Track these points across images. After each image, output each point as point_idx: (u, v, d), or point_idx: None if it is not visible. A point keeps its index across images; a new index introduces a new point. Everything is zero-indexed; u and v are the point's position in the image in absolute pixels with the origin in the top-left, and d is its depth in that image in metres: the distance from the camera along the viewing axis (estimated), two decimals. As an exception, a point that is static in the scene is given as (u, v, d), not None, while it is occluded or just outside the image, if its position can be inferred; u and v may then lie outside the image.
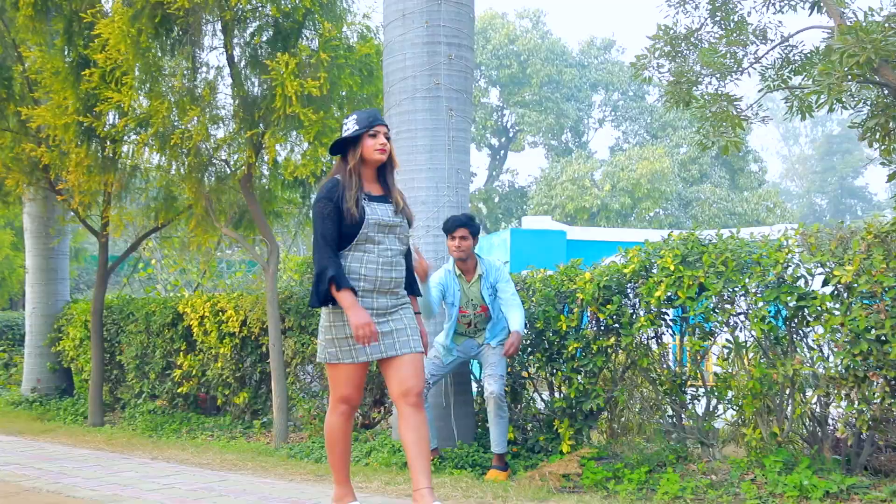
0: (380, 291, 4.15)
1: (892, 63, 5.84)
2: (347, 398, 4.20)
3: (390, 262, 4.17)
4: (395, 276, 4.19)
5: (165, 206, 9.26)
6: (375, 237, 4.13)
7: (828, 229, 5.24)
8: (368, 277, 4.11)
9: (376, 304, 4.14)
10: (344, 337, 4.09)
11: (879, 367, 4.78)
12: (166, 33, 7.73)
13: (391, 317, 4.18)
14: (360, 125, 4.18)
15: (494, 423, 5.89)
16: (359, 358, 4.11)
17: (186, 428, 8.80)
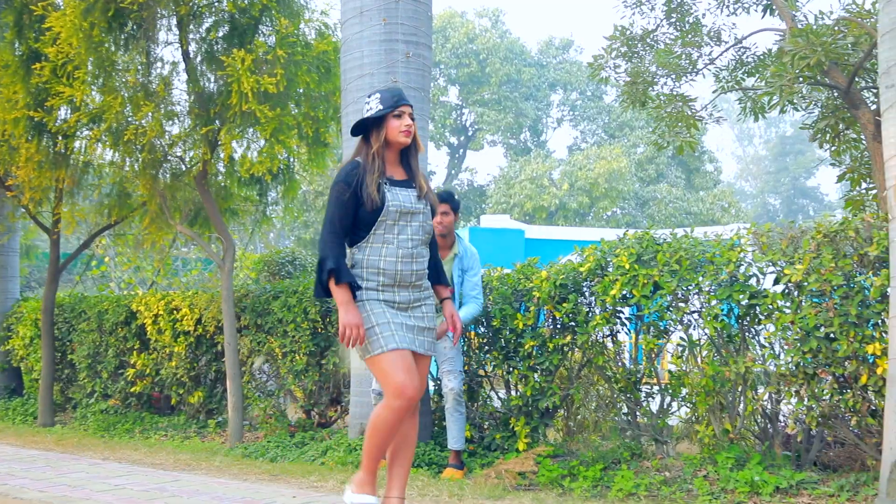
0: (401, 285, 3.84)
1: (841, 66, 5.94)
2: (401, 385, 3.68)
3: (411, 253, 3.85)
4: (417, 269, 3.88)
5: (119, 202, 9.12)
6: (396, 226, 3.83)
7: (779, 229, 5.33)
8: (388, 272, 3.80)
9: (398, 297, 3.84)
10: (370, 327, 3.74)
11: (828, 364, 4.86)
12: (120, 27, 7.61)
13: (414, 312, 3.88)
14: (385, 105, 3.88)
15: (452, 419, 5.89)
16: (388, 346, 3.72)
17: (139, 428, 8.69)
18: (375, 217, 3.78)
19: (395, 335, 3.74)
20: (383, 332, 3.73)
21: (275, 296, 7.78)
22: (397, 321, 3.78)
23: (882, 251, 4.69)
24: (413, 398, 3.70)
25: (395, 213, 3.81)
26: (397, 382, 3.67)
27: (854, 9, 6.28)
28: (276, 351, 7.72)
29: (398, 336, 3.75)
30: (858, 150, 6.77)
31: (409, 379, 3.69)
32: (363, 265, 3.81)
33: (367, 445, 3.83)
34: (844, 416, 4.99)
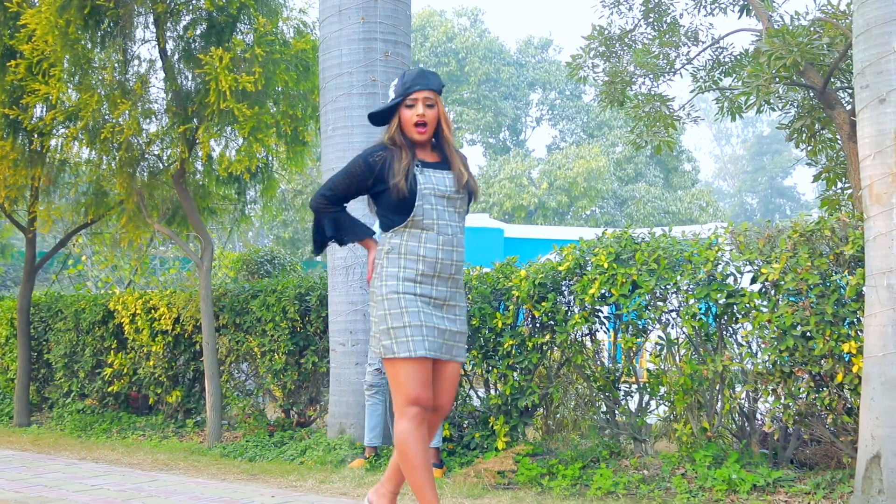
0: (440, 277, 3.55)
1: (817, 66, 5.99)
2: (416, 398, 3.48)
3: (451, 240, 3.55)
4: (457, 259, 3.58)
5: (96, 201, 9.05)
6: (434, 210, 3.53)
7: (756, 228, 5.36)
8: (428, 259, 3.51)
9: (435, 292, 3.54)
10: (402, 326, 3.47)
11: (804, 362, 4.91)
12: (96, 25, 7.55)
13: (448, 312, 3.59)
14: (396, 93, 3.61)
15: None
16: (416, 351, 3.46)
17: (117, 427, 8.63)
18: (411, 204, 3.50)
19: (425, 340, 3.48)
20: (414, 334, 3.47)
21: (253, 295, 7.75)
22: (430, 324, 3.50)
23: (857, 250, 4.73)
24: (427, 406, 3.51)
25: (430, 196, 3.52)
26: (413, 393, 3.46)
27: (829, 10, 6.34)
28: (255, 350, 7.69)
29: (428, 342, 3.48)
30: (834, 150, 6.83)
31: (425, 386, 3.50)
32: (401, 251, 3.53)
33: (406, 476, 3.52)
34: (820, 415, 5.03)
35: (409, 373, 3.47)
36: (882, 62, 4.32)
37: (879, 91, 4.34)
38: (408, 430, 3.47)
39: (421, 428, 3.49)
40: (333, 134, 6.62)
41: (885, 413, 4.26)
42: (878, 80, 4.35)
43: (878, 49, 4.34)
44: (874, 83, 4.36)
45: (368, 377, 6.09)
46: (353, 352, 6.43)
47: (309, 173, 22.88)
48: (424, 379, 3.49)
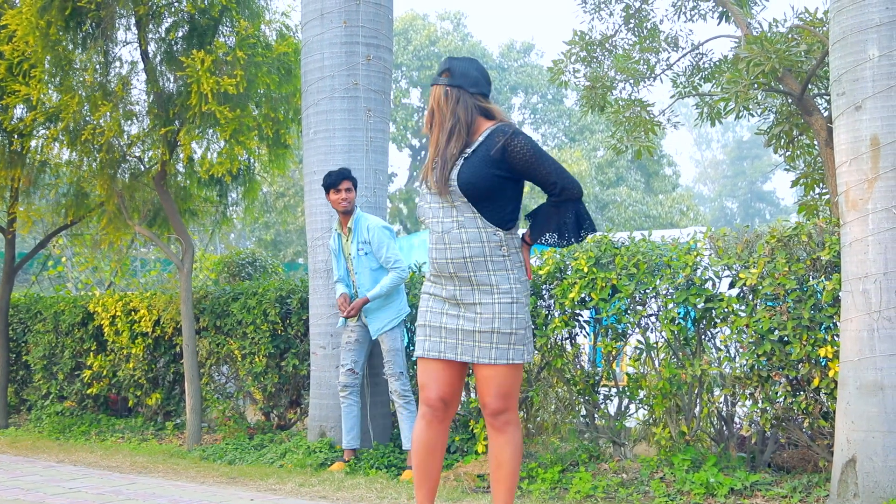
0: (443, 276, 3.46)
1: (795, 73, 6.06)
2: (423, 394, 3.51)
3: (442, 238, 3.41)
4: (452, 258, 3.39)
5: (76, 202, 9.01)
6: (429, 208, 3.47)
7: (734, 233, 5.41)
8: (430, 258, 3.51)
9: (445, 291, 3.47)
10: (422, 324, 3.52)
11: (782, 367, 4.95)
12: (77, 26, 7.52)
13: (466, 311, 3.43)
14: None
15: (403, 418, 5.98)
16: (417, 352, 3.52)
17: (96, 430, 8.58)
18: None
19: (427, 340, 3.49)
20: (419, 334, 3.53)
21: (234, 297, 7.73)
22: (436, 323, 3.47)
23: (834, 255, 4.79)
24: (434, 406, 3.49)
25: (426, 195, 3.47)
26: (421, 387, 3.52)
27: (807, 17, 6.40)
28: (236, 353, 7.67)
29: (429, 343, 3.48)
30: (812, 156, 6.89)
31: (431, 385, 3.48)
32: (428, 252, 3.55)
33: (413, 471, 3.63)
34: (797, 419, 5.08)
35: (420, 371, 3.54)
36: (858, 70, 4.38)
37: (855, 98, 4.39)
38: (417, 427, 3.55)
39: (430, 427, 3.50)
40: (315, 137, 6.62)
41: (861, 417, 4.32)
42: (854, 87, 4.40)
43: (854, 57, 4.40)
44: (850, 90, 4.42)
45: (342, 378, 6.13)
46: (333, 355, 6.43)
47: (291, 176, 22.83)
48: (430, 377, 3.48)
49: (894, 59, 4.29)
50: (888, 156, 4.30)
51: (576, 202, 3.49)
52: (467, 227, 3.38)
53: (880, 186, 4.31)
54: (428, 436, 3.51)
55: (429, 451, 3.53)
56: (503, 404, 3.44)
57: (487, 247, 3.39)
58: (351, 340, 6.12)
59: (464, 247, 3.38)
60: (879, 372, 4.26)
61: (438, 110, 3.46)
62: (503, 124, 3.44)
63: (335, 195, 5.98)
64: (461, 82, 3.45)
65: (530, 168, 3.41)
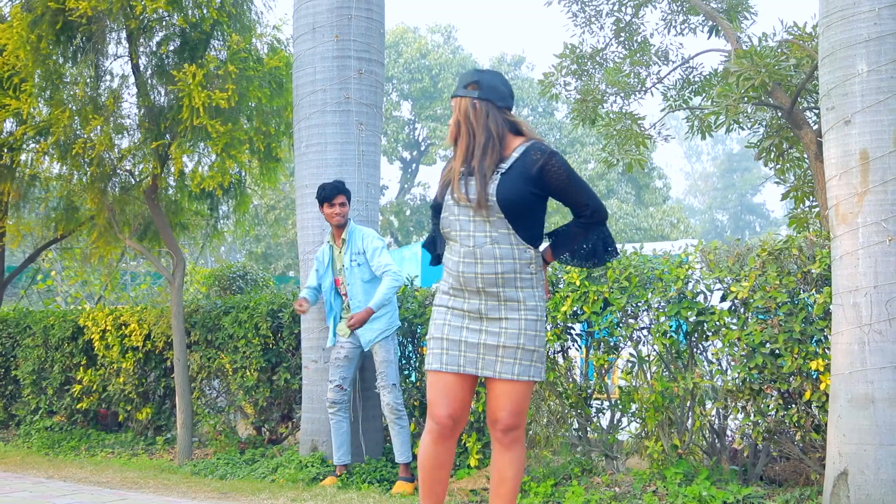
0: (467, 290, 3.37)
1: (784, 86, 6.09)
2: (432, 412, 3.43)
3: (473, 252, 3.33)
4: (483, 273, 3.33)
5: (66, 216, 8.98)
6: (457, 221, 3.38)
7: (725, 246, 5.43)
8: (452, 272, 3.40)
9: (467, 305, 3.38)
10: (430, 338, 3.46)
11: (773, 380, 4.96)
12: (68, 40, 7.52)
13: (488, 326, 3.37)
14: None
15: (394, 432, 5.94)
16: (432, 365, 3.42)
17: (85, 445, 8.53)
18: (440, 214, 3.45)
19: (444, 354, 3.39)
20: (434, 347, 3.43)
21: (225, 311, 7.71)
22: (455, 337, 3.38)
23: (825, 269, 4.81)
24: (442, 423, 3.40)
25: (453, 206, 3.38)
26: (430, 405, 3.43)
27: (796, 32, 6.45)
28: (227, 367, 7.64)
29: (447, 356, 3.38)
30: (802, 169, 6.93)
31: (441, 401, 3.39)
32: (445, 263, 3.48)
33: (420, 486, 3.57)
34: (789, 432, 5.09)
35: (430, 385, 3.44)
36: (847, 84, 4.41)
37: (845, 113, 4.42)
38: (423, 442, 3.48)
39: (436, 444, 3.43)
40: (307, 151, 6.62)
41: (853, 430, 4.32)
42: (843, 101, 4.43)
43: (843, 72, 4.43)
44: (840, 105, 4.44)
45: (330, 394, 6.10)
46: (325, 368, 6.41)
47: (282, 189, 22.82)
48: (441, 393, 3.39)
49: (883, 74, 4.32)
50: (877, 170, 4.32)
51: (602, 225, 3.52)
52: (501, 243, 3.33)
53: (870, 200, 4.33)
54: (435, 452, 3.45)
55: (435, 467, 3.47)
56: (516, 421, 3.39)
57: (518, 264, 3.35)
58: (340, 357, 6.09)
59: (496, 262, 3.33)
60: (870, 385, 4.27)
61: (466, 123, 3.41)
62: (538, 142, 3.42)
63: (329, 209, 5.98)
64: (490, 96, 3.41)
65: (565, 189, 3.43)
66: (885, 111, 4.31)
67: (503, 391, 3.36)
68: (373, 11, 6.67)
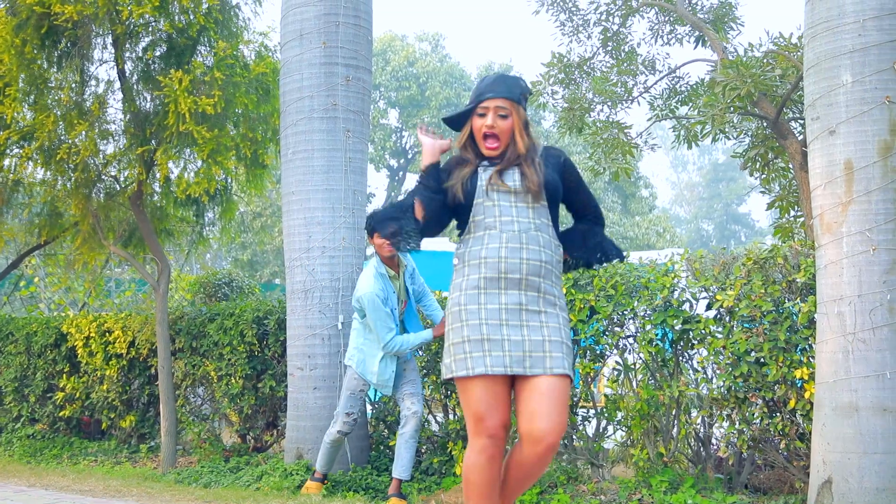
0: (508, 278, 3.14)
1: (770, 97, 6.12)
2: (482, 427, 3.14)
3: (518, 237, 3.17)
4: (529, 258, 3.16)
5: (50, 222, 8.92)
6: (496, 207, 3.23)
7: (711, 255, 5.45)
8: (490, 261, 3.16)
9: (506, 297, 3.14)
10: (460, 341, 3.15)
11: (758, 388, 4.97)
12: (53, 45, 7.48)
13: (528, 320, 3.16)
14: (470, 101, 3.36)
15: (407, 446, 5.60)
16: (475, 369, 3.10)
17: (68, 453, 8.47)
18: (469, 205, 3.25)
19: (486, 355, 3.11)
20: (472, 350, 3.12)
21: (210, 318, 7.67)
22: (497, 336, 3.12)
23: (809, 278, 4.83)
24: (496, 434, 3.13)
25: (493, 193, 3.23)
26: (477, 415, 3.13)
27: (781, 42, 6.49)
28: (212, 374, 7.60)
29: (490, 358, 3.11)
30: (787, 179, 6.97)
31: (492, 411, 3.12)
32: (464, 259, 3.25)
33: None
34: (774, 440, 5.10)
35: (470, 395, 3.14)
36: (832, 95, 4.44)
37: (829, 123, 4.45)
38: (474, 464, 3.16)
39: (492, 463, 3.15)
40: (294, 157, 6.61)
41: (837, 438, 4.34)
42: (828, 112, 4.46)
43: (827, 82, 4.45)
44: (824, 115, 4.47)
45: (343, 427, 5.77)
46: (311, 376, 6.39)
47: (268, 196, 22.77)
48: (490, 401, 3.12)
49: (867, 84, 4.35)
50: (861, 180, 4.35)
51: (604, 226, 3.55)
52: (542, 231, 3.24)
53: (854, 210, 4.35)
54: (491, 473, 3.16)
55: (493, 487, 3.19)
56: (562, 427, 3.13)
57: (556, 256, 3.28)
58: (358, 389, 5.76)
59: (541, 250, 3.21)
60: (854, 393, 4.29)
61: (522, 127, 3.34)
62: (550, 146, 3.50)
63: (380, 239, 5.51)
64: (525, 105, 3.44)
65: (578, 186, 3.45)
66: (869, 122, 4.34)
67: (552, 388, 3.11)
68: (361, 19, 6.68)
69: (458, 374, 3.14)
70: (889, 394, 4.26)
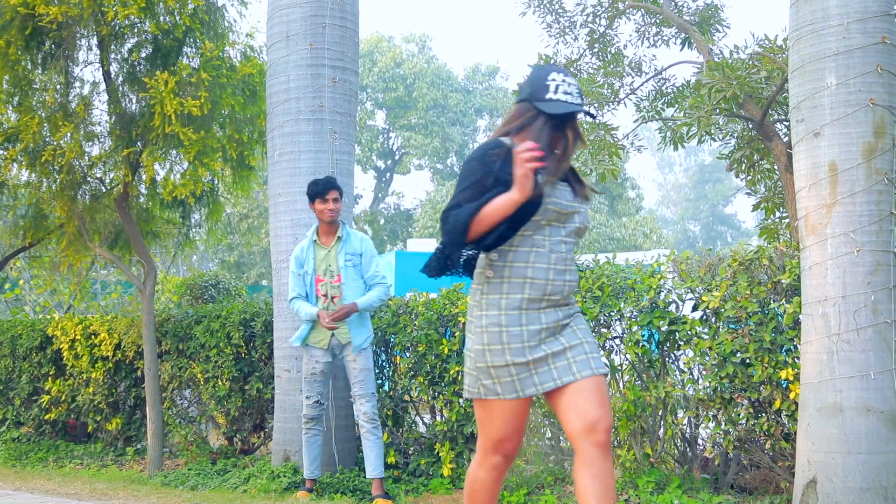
0: (550, 300, 3.11)
1: (755, 99, 6.15)
2: (503, 447, 3.16)
3: (564, 259, 3.13)
4: (570, 280, 3.15)
5: (35, 224, 8.86)
6: (548, 226, 3.12)
7: (697, 256, 5.47)
8: (537, 282, 3.09)
9: (544, 319, 3.10)
10: (504, 365, 3.07)
11: (744, 389, 5.00)
12: (38, 46, 7.44)
13: (562, 333, 3.15)
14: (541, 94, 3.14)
15: (369, 444, 5.71)
16: (525, 391, 3.08)
17: (54, 456, 8.42)
18: (528, 214, 3.05)
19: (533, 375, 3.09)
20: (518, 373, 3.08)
21: (197, 320, 7.65)
22: (539, 356, 3.09)
23: (794, 279, 4.85)
24: (512, 456, 3.19)
25: (552, 212, 3.10)
26: (501, 435, 3.13)
27: (767, 44, 6.52)
28: (199, 376, 7.58)
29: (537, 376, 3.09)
30: (772, 181, 7.00)
31: (516, 434, 3.14)
32: (503, 274, 3.10)
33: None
34: (759, 440, 5.13)
35: (504, 415, 3.12)
36: (816, 97, 4.46)
37: (814, 125, 4.47)
38: (484, 480, 3.20)
39: (500, 480, 3.21)
40: (280, 159, 6.60)
41: (821, 439, 4.36)
42: (812, 114, 4.48)
43: (812, 84, 4.48)
44: (809, 117, 4.50)
45: (308, 410, 5.91)
46: (298, 378, 6.37)
47: (255, 197, 22.71)
48: (516, 424, 3.14)
49: (851, 87, 4.38)
50: (846, 182, 4.37)
51: None
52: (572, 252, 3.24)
53: (838, 212, 4.38)
54: (497, 488, 3.22)
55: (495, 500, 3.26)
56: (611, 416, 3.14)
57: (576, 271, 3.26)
58: (317, 371, 5.86)
59: (575, 269, 3.22)
60: (839, 394, 4.32)
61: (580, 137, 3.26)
62: None
63: (322, 204, 5.74)
64: None
65: None
66: (853, 124, 4.37)
67: (595, 387, 3.10)
68: (347, 20, 6.67)
69: (508, 397, 3.09)
70: (873, 394, 4.29)
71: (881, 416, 4.29)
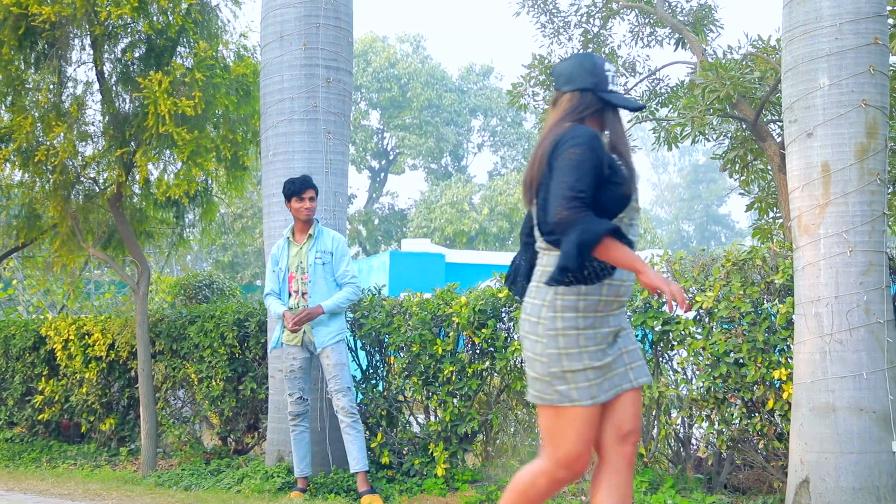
0: (619, 301, 3.02)
1: (749, 99, 6.17)
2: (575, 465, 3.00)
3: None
4: (634, 280, 3.08)
5: (28, 224, 8.85)
6: (632, 225, 3.05)
7: (691, 256, 5.48)
8: (613, 283, 2.97)
9: (612, 322, 3.02)
10: (581, 369, 2.94)
11: (737, 389, 5.01)
12: (31, 46, 7.43)
13: (620, 336, 3.08)
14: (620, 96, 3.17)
15: (349, 438, 5.73)
16: (600, 396, 2.96)
17: (47, 456, 8.40)
18: (621, 208, 2.95)
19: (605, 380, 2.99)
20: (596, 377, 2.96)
21: (191, 320, 7.64)
22: (609, 360, 3.00)
23: (787, 279, 4.86)
24: (580, 473, 3.02)
25: (634, 209, 3.03)
26: (574, 451, 2.98)
27: (760, 45, 6.54)
28: (192, 377, 7.57)
29: (617, 377, 3.02)
30: (766, 181, 7.02)
31: (588, 448, 3.00)
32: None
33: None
34: (752, 440, 5.13)
35: (581, 424, 2.97)
36: (809, 98, 4.47)
37: (807, 125, 4.48)
38: (542, 492, 3.06)
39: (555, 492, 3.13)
40: (274, 159, 6.59)
41: (814, 439, 4.37)
42: (805, 114, 4.49)
43: (805, 85, 4.49)
44: (802, 118, 4.51)
45: (293, 407, 5.93)
46: (291, 378, 6.36)
47: (249, 197, 22.69)
48: (591, 437, 3.01)
49: (844, 88, 4.39)
50: (839, 182, 4.39)
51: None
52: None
53: (831, 212, 4.39)
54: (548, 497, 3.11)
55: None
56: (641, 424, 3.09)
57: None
58: (295, 368, 5.90)
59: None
60: (831, 394, 4.33)
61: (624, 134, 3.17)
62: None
63: (297, 203, 5.82)
64: None
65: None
66: (845, 124, 4.38)
67: (636, 399, 3.09)
68: (341, 20, 6.67)
69: (583, 404, 2.95)
70: (865, 394, 4.30)
71: (873, 415, 4.31)
